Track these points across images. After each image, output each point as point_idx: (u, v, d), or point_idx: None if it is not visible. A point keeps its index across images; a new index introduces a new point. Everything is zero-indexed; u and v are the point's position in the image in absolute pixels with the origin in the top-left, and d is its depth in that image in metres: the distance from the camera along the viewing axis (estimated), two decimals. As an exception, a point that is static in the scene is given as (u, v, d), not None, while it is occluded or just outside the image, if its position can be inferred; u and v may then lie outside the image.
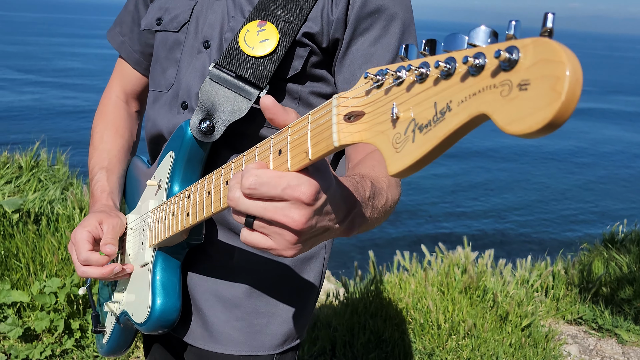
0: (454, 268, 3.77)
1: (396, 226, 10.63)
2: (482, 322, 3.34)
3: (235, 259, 1.26)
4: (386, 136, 0.61)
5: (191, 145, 1.17)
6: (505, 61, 0.49)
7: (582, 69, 0.47)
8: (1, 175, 4.88)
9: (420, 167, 0.59)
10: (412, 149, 0.57)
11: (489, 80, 0.51)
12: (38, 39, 43.31)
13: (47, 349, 3.03)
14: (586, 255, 5.42)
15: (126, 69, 1.49)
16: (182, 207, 1.07)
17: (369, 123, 0.64)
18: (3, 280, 3.28)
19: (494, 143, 18.39)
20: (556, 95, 0.45)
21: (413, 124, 0.57)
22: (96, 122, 1.49)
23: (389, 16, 1.15)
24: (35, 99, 19.83)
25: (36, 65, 27.81)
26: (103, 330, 1.44)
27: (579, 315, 4.12)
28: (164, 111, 1.30)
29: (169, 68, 1.29)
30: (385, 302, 3.46)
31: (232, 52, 1.15)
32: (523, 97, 0.48)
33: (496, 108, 0.50)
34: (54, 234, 3.66)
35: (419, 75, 0.57)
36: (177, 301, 1.19)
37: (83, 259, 1.19)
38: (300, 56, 1.16)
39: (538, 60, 0.47)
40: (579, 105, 7.76)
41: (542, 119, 0.46)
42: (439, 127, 0.54)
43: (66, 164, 5.68)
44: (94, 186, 1.38)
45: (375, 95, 0.63)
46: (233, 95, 1.15)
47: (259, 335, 1.26)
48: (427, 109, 0.56)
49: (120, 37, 1.48)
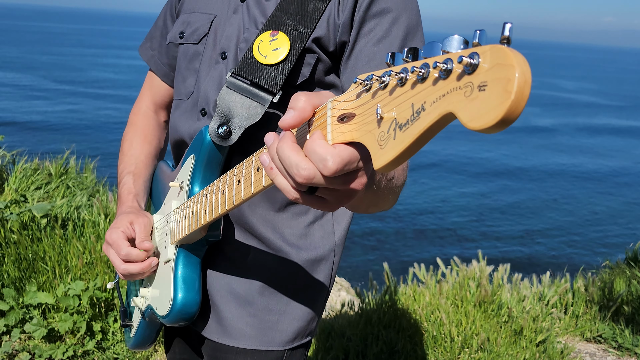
0: (469, 281, 3.78)
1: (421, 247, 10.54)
2: (495, 336, 3.34)
3: (250, 257, 1.34)
4: (373, 135, 0.68)
5: (210, 149, 1.26)
6: (467, 65, 0.56)
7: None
8: (32, 182, 5.05)
9: (401, 161, 0.66)
10: (394, 145, 0.65)
11: (455, 82, 0.57)
12: (72, 50, 44.39)
13: (69, 350, 3.13)
14: (608, 273, 5.36)
15: (155, 81, 1.59)
16: (201, 206, 1.16)
17: (359, 123, 0.71)
18: (30, 282, 3.41)
19: (529, 162, 18.10)
20: (507, 95, 0.52)
21: (394, 123, 0.65)
22: (127, 130, 1.59)
23: (393, 18, 1.22)
24: (68, 110, 20.34)
25: (70, 76, 28.52)
26: (130, 325, 1.54)
27: (599, 333, 4.08)
28: (184, 118, 1.39)
29: (189, 77, 1.39)
30: (399, 313, 3.49)
31: (247, 61, 1.23)
32: (482, 97, 0.54)
33: (461, 107, 0.56)
34: (79, 238, 3.78)
35: (400, 79, 0.64)
36: (196, 295, 1.28)
37: (125, 254, 1.29)
38: (308, 63, 1.24)
39: (494, 64, 0.54)
40: (617, 123, 7.60)
41: (495, 116, 0.53)
42: (415, 125, 0.62)
43: (94, 172, 5.86)
44: (121, 189, 1.48)
45: (364, 98, 0.71)
46: (248, 102, 1.23)
47: (269, 331, 1.33)
48: (406, 109, 0.63)
49: (150, 52, 1.58)
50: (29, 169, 5.25)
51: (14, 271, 3.44)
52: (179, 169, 1.37)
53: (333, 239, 1.37)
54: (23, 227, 3.78)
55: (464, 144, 19.74)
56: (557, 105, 33.79)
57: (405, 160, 0.66)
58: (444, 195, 13.82)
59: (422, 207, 12.59)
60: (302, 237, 1.34)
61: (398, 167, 0.68)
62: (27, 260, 3.53)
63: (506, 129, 0.58)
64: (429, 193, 13.73)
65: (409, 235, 10.94)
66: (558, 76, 55.99)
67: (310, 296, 1.36)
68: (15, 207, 4.12)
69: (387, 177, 0.97)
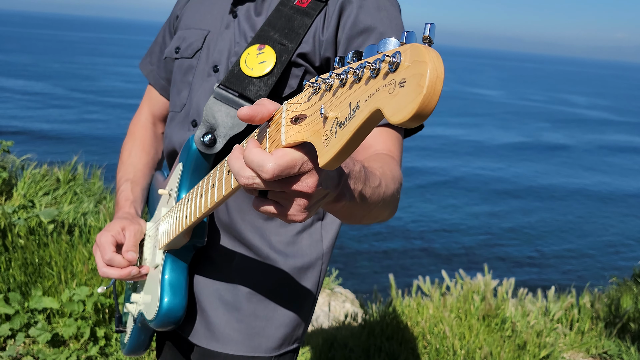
0: (473, 295, 3.77)
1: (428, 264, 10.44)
2: (498, 350, 3.33)
3: (238, 264, 1.36)
4: (319, 134, 0.72)
5: (196, 157, 1.29)
6: (391, 64, 0.59)
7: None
8: (40, 187, 5.09)
9: (342, 157, 0.69)
10: (334, 143, 0.68)
11: (382, 81, 0.61)
12: (84, 58, 44.82)
13: (72, 355, 3.14)
14: (615, 289, 5.32)
15: (154, 95, 1.65)
16: (183, 211, 1.20)
17: (309, 124, 0.75)
18: (36, 287, 3.43)
19: (542, 181, 17.88)
20: (419, 89, 0.55)
21: (336, 122, 0.68)
22: (126, 141, 1.64)
23: (379, 34, 1.25)
24: (79, 118, 20.51)
25: (81, 84, 28.78)
26: (124, 330, 1.56)
27: (604, 349, 4.05)
28: (177, 129, 1.43)
29: (183, 90, 1.43)
30: (402, 325, 3.48)
31: (234, 73, 1.27)
32: (402, 92, 0.57)
33: (385, 103, 0.59)
34: (85, 244, 3.81)
35: (340, 80, 0.68)
36: (182, 300, 1.30)
37: (108, 259, 1.32)
38: (295, 75, 1.28)
39: (412, 61, 0.57)
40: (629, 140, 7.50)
41: (410, 109, 0.56)
42: (351, 122, 0.65)
43: (101, 179, 5.90)
44: (119, 195, 1.52)
45: (313, 100, 0.74)
46: (234, 112, 1.26)
47: (256, 337, 1.35)
48: (344, 108, 0.67)
49: (150, 66, 1.64)
50: (37, 174, 5.30)
51: (20, 275, 3.47)
52: (169, 178, 1.42)
53: (321, 247, 1.40)
54: (30, 232, 3.81)
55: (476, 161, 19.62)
56: (569, 121, 33.65)
57: (347, 156, 0.70)
58: (454, 213, 13.72)
59: (432, 226, 12.50)
60: (290, 245, 1.36)
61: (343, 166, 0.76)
62: (33, 265, 3.56)
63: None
64: (440, 211, 13.63)
65: (417, 254, 10.89)
66: (569, 92, 55.86)
67: (297, 303, 1.38)
68: (23, 212, 4.15)
69: (371, 185, 0.99)
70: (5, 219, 3.77)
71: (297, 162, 0.77)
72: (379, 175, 1.05)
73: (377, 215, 1.10)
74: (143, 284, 1.42)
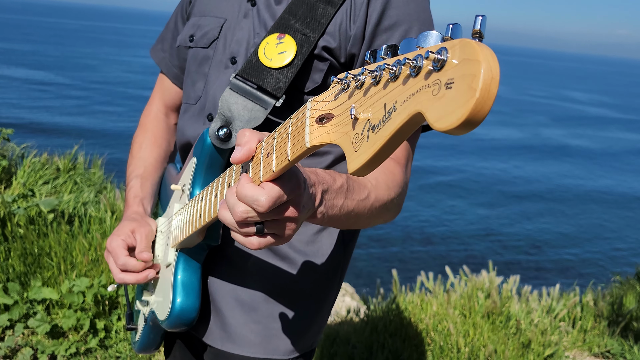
0: (477, 292, 3.73)
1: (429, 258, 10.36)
2: (503, 349, 3.29)
3: (255, 263, 1.30)
4: (348, 137, 0.65)
5: (211, 152, 1.23)
6: (435, 62, 0.52)
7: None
8: (40, 176, 5.05)
9: (375, 164, 0.63)
10: (366, 148, 0.61)
11: (424, 81, 0.54)
12: (86, 46, 44.65)
13: (72, 347, 3.11)
14: (618, 288, 5.28)
15: (166, 84, 1.57)
16: (196, 209, 1.14)
17: (337, 125, 0.68)
18: (35, 277, 3.39)
19: None
20: (472, 92, 0.48)
21: (368, 125, 0.61)
22: (137, 133, 1.57)
23: (404, 31, 1.18)
24: (79, 106, 20.41)
25: (82, 74, 28.66)
26: (135, 328, 1.51)
27: (607, 348, 4.02)
28: (191, 122, 1.37)
29: (198, 81, 1.36)
30: (405, 321, 3.44)
31: (252, 63, 1.20)
32: (448, 95, 0.50)
33: (428, 106, 0.52)
34: (85, 235, 3.76)
35: (374, 78, 0.61)
36: (195, 301, 1.25)
37: (121, 263, 1.27)
38: (319, 70, 1.21)
39: (462, 59, 0.50)
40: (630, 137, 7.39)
41: (460, 116, 0.49)
42: (387, 126, 0.58)
43: (101, 169, 5.85)
44: (128, 192, 1.46)
45: (341, 99, 0.68)
46: (251, 105, 1.20)
47: (274, 339, 1.29)
48: (378, 109, 0.60)
49: (162, 54, 1.56)
50: (37, 163, 5.24)
51: (19, 266, 3.43)
52: (182, 172, 1.35)
53: (341, 246, 1.34)
54: (30, 222, 3.76)
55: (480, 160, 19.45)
56: (570, 118, 33.48)
57: (380, 163, 0.64)
58: (455, 211, 13.60)
59: (433, 223, 12.38)
60: (310, 244, 1.30)
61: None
62: (32, 255, 3.52)
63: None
64: (440, 209, 13.51)
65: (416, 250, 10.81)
66: (570, 88, 55.67)
67: (315, 303, 1.33)
68: (23, 202, 4.11)
69: (355, 198, 1.01)
70: (5, 208, 3.72)
71: (281, 194, 0.82)
72: (370, 187, 1.06)
73: (372, 222, 1.12)
74: (155, 282, 1.37)
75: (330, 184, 0.97)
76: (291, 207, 0.85)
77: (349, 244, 1.36)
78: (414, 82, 0.55)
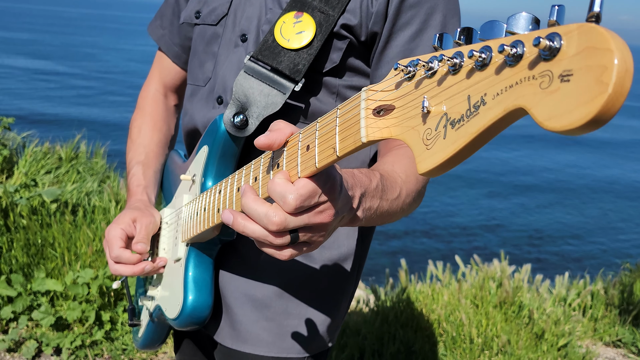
0: (489, 281, 3.67)
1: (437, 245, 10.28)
2: (516, 339, 3.23)
3: (267, 257, 1.22)
4: (417, 132, 0.57)
5: (224, 140, 1.14)
6: (545, 49, 0.45)
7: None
8: (42, 165, 4.97)
9: (451, 165, 0.55)
10: (444, 146, 0.54)
11: (527, 71, 0.46)
12: (86, 35, 44.42)
13: (77, 339, 3.05)
14: (627, 275, 5.22)
15: (165, 63, 1.48)
16: (213, 203, 1.05)
17: (399, 118, 0.60)
18: (38, 269, 3.33)
19: None
20: (602, 87, 0.41)
21: (445, 119, 0.54)
22: (135, 115, 1.48)
23: (430, 8, 1.10)
24: (79, 95, 20.30)
25: (81, 61, 28.51)
26: (138, 324, 1.44)
27: (618, 337, 3.97)
28: (200, 105, 1.28)
29: (207, 62, 1.27)
30: (416, 312, 3.38)
31: (268, 44, 1.12)
32: (565, 89, 0.43)
33: (535, 102, 0.45)
34: (89, 225, 3.70)
35: (452, 66, 0.53)
36: (208, 298, 1.18)
37: (115, 255, 1.20)
38: (338, 49, 1.13)
39: (583, 48, 0.43)
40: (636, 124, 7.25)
41: (586, 114, 0.42)
42: (473, 122, 0.50)
43: (104, 157, 5.78)
44: (130, 180, 1.38)
45: (406, 88, 0.60)
46: (268, 89, 1.12)
47: (289, 337, 1.22)
48: (460, 102, 0.52)
49: (161, 30, 1.47)
50: (39, 152, 5.17)
51: (23, 257, 3.36)
52: (191, 161, 1.27)
53: (358, 236, 1.26)
54: (32, 212, 3.70)
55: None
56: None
57: (457, 163, 0.55)
58: (464, 205, 13.46)
59: (439, 213, 12.27)
60: None
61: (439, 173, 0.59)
62: (35, 246, 3.46)
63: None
64: (448, 204, 13.39)
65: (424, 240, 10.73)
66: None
67: (333, 299, 1.25)
68: (25, 192, 4.04)
69: (389, 197, 0.93)
70: (7, 198, 3.65)
71: (315, 192, 0.74)
72: (400, 183, 0.98)
73: (398, 218, 1.03)
74: (160, 276, 1.30)
75: (367, 185, 0.89)
76: (324, 212, 0.77)
77: (366, 234, 1.28)
78: (512, 72, 0.48)
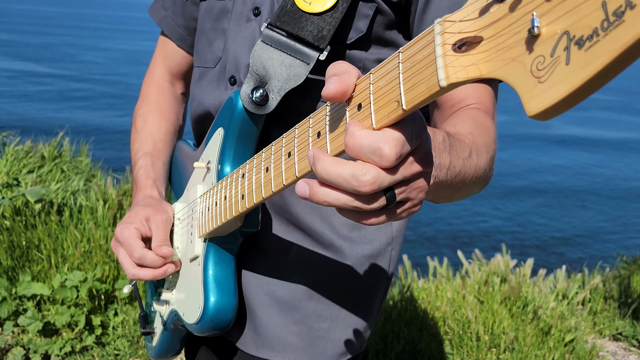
0: (493, 277, 3.58)
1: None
2: (523, 336, 3.15)
3: (294, 254, 1.11)
4: (520, 64, 0.44)
5: (242, 119, 1.02)
6: None
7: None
8: (24, 165, 4.79)
9: (577, 100, 0.42)
10: (568, 74, 0.40)
11: None
12: (64, 34, 43.76)
13: (66, 345, 2.90)
14: (625, 268, 5.19)
15: (169, 47, 1.35)
16: (236, 189, 0.92)
17: (491, 50, 0.47)
18: (24, 272, 3.17)
19: None
20: None
21: (566, 39, 0.41)
22: (139, 104, 1.36)
23: None
24: (61, 94, 19.94)
25: (62, 60, 28.05)
26: (152, 332, 1.31)
27: (618, 331, 3.92)
28: (210, 88, 1.15)
29: (216, 40, 1.14)
30: (420, 310, 3.28)
31: (287, 9, 0.99)
32: None
33: None
34: (76, 225, 3.54)
35: None
36: (232, 298, 1.05)
37: (138, 256, 1.07)
38: (364, 15, 1.00)
39: None
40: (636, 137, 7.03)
41: None
42: (614, 35, 0.37)
43: (89, 156, 5.59)
44: (137, 172, 1.25)
45: (497, 12, 0.46)
46: (289, 60, 0.99)
47: (320, 341, 1.10)
48: (589, 13, 0.39)
49: (163, 12, 1.34)
50: (20, 151, 4.98)
51: (7, 259, 3.20)
52: (203, 147, 1.14)
53: (390, 229, 1.14)
54: (16, 213, 3.53)
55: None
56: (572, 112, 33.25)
57: (582, 99, 0.42)
58: (462, 208, 13.35)
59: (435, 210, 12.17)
60: (356, 228, 1.10)
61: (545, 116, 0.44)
62: (20, 248, 3.29)
63: None
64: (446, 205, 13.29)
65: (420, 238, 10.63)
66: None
67: (366, 298, 1.14)
68: (8, 192, 3.86)
69: (460, 156, 0.76)
70: (-11, 198, 3.48)
71: (409, 134, 0.56)
72: (469, 143, 0.81)
73: (471, 191, 0.86)
74: (175, 278, 1.17)
75: (432, 136, 0.72)
76: (422, 159, 0.59)
77: (399, 226, 1.16)
78: None
